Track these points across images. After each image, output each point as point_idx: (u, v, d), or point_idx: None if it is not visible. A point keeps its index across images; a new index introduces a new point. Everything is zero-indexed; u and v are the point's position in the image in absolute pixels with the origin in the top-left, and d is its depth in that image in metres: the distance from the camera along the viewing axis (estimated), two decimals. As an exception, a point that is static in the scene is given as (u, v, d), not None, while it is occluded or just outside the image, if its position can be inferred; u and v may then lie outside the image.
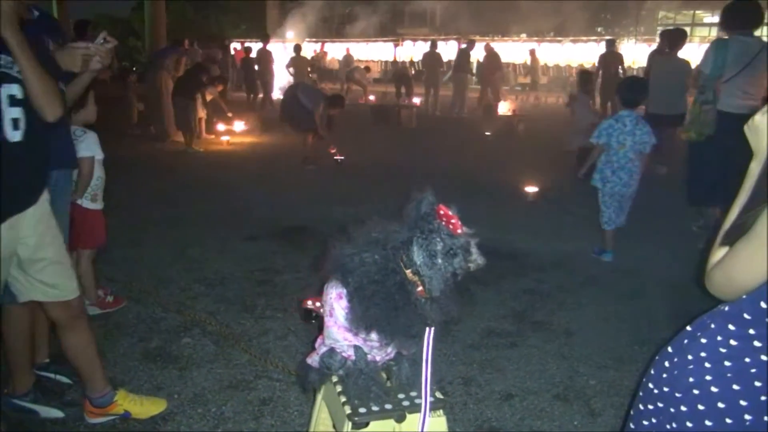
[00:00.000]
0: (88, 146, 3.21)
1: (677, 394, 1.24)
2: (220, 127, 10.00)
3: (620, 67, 11.71)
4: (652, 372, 1.34)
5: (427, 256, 1.53)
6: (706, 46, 4.84)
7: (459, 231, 1.52)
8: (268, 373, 2.89)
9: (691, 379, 1.22)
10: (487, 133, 10.76)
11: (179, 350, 3.10)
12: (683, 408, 1.22)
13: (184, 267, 4.25)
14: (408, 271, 1.58)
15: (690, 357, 1.24)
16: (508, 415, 2.64)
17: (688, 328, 1.30)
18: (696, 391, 1.20)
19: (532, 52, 16.56)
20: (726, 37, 4.54)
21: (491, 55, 13.92)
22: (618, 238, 4.62)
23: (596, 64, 12.56)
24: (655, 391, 1.30)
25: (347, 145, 8.23)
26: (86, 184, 3.28)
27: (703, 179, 4.64)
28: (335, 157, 7.90)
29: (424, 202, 1.55)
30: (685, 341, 1.28)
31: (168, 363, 2.97)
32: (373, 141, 10.16)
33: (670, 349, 1.32)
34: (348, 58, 19.66)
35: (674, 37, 6.94)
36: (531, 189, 6.35)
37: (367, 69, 18.81)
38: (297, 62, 14.49)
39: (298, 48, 15.08)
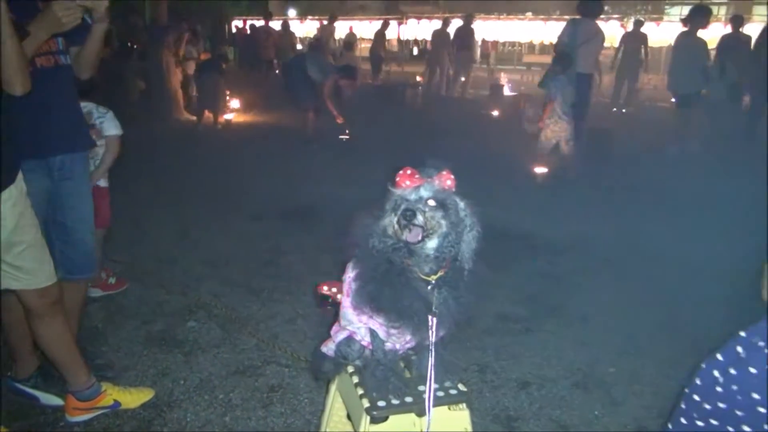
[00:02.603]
0: (114, 124, 3.08)
1: (738, 412, 1.10)
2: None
3: (642, 47, 11.27)
4: (698, 383, 1.18)
5: (385, 212, 1.53)
6: (717, 24, 6.44)
7: (401, 187, 1.52)
8: (277, 359, 2.79)
9: (755, 396, 1.08)
10: (494, 113, 10.58)
11: (184, 334, 3.00)
12: (746, 429, 1.08)
13: (187, 247, 4.15)
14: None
15: (753, 370, 1.09)
16: (525, 403, 2.54)
17: (742, 333, 1.15)
18: (763, 410, 1.07)
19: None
20: (578, 18, 6.63)
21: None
22: (631, 218, 4.95)
23: (617, 44, 12.02)
24: (707, 406, 1.15)
25: (351, 124, 8.06)
26: (111, 163, 3.14)
27: None
28: (340, 136, 7.73)
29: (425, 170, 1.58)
30: (740, 350, 1.12)
31: (173, 347, 2.87)
32: (378, 120, 9.97)
33: (720, 358, 1.16)
34: (350, 36, 19.31)
35: (694, 15, 6.77)
36: (540, 169, 6.21)
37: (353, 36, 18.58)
38: (283, 39, 15.39)
39: (285, 25, 16.24)
